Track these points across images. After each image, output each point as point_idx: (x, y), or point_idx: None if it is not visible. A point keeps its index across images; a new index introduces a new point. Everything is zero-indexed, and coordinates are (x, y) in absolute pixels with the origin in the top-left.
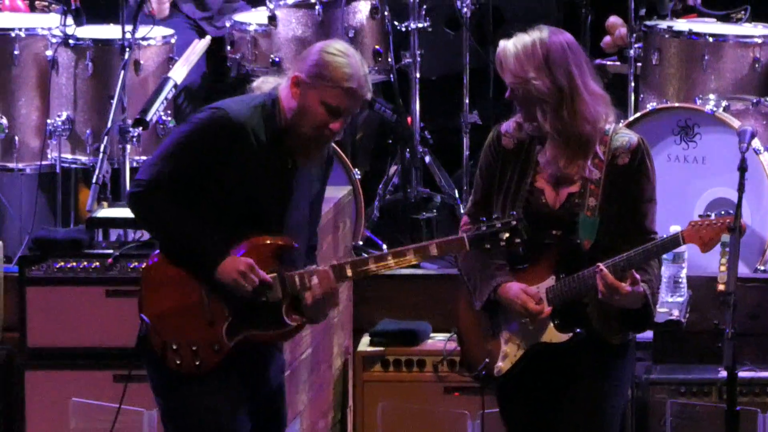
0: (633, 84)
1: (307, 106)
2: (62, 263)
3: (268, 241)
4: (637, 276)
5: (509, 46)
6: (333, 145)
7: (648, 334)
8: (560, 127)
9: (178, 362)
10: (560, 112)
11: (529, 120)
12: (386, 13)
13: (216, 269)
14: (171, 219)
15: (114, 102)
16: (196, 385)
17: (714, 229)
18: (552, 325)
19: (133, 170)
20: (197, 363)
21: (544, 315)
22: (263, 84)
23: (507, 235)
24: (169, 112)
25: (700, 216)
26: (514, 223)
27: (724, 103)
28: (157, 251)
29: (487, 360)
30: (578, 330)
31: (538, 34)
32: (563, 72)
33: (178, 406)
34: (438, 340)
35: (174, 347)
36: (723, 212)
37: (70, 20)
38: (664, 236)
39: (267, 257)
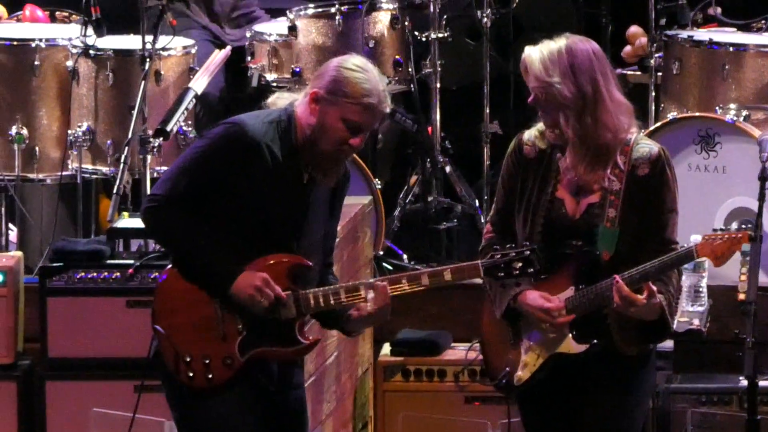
0: (653, 93)
1: (327, 123)
2: (83, 274)
3: (283, 260)
4: (654, 288)
5: (535, 51)
6: (354, 156)
7: (669, 344)
8: (582, 134)
9: (190, 375)
10: (583, 118)
11: (551, 126)
12: (406, 23)
13: (231, 286)
14: (185, 234)
15: (135, 112)
16: (210, 399)
17: (726, 243)
18: (570, 336)
19: (153, 181)
20: (209, 376)
21: (564, 321)
22: (278, 100)
23: (520, 264)
24: (189, 122)
25: (714, 229)
26: (528, 253)
27: (744, 113)
28: (170, 265)
29: (507, 369)
30: (595, 341)
31: (564, 41)
32: (588, 79)
33: (192, 420)
34: (459, 349)
35: (187, 360)
36: (743, 226)
37: (90, 31)
38: (681, 248)
39: (281, 276)
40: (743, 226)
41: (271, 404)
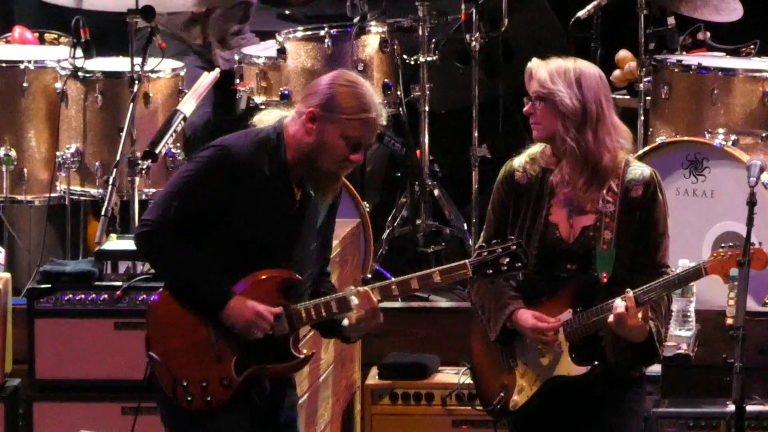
0: (642, 117)
1: (327, 141)
2: (71, 295)
3: (272, 275)
4: (649, 314)
5: (542, 62)
6: (342, 178)
7: (657, 368)
8: (582, 146)
9: (189, 399)
10: (584, 131)
11: (545, 137)
12: (396, 46)
13: (224, 309)
14: (179, 259)
15: (123, 134)
16: (208, 422)
17: (735, 260)
18: (570, 358)
19: (142, 203)
20: (208, 399)
21: (559, 341)
22: (266, 117)
23: (507, 260)
24: (178, 144)
25: (722, 247)
26: (514, 247)
27: (733, 137)
28: (161, 288)
29: (502, 394)
30: (596, 363)
31: (573, 61)
32: (593, 97)
33: None
34: (447, 373)
35: (184, 384)
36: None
37: (79, 53)
38: (686, 267)
39: (271, 292)
40: (754, 243)
41: (265, 426)
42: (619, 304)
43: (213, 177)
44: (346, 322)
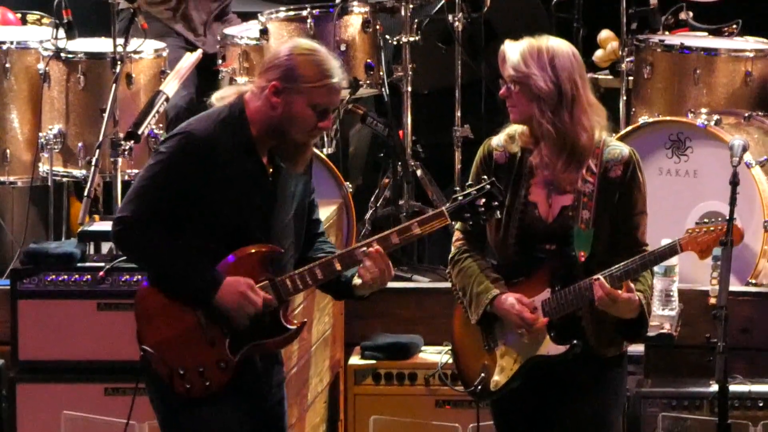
0: (625, 98)
1: (295, 112)
2: (54, 276)
3: (253, 251)
4: (632, 285)
5: (515, 44)
6: (325, 159)
7: (639, 348)
8: (559, 128)
9: (188, 387)
10: (560, 113)
11: (522, 120)
12: (378, 26)
13: (215, 296)
14: (161, 253)
15: (106, 115)
16: (205, 408)
17: (712, 236)
18: (549, 337)
19: (124, 183)
20: (207, 384)
21: (540, 325)
22: (224, 95)
23: (483, 200)
24: (161, 125)
25: (696, 223)
26: (488, 187)
27: (715, 117)
28: (144, 281)
29: (483, 375)
30: (575, 341)
31: (546, 40)
32: (567, 77)
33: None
34: (430, 353)
35: (181, 372)
36: (720, 219)
37: (61, 33)
38: (661, 246)
39: (255, 267)
40: (720, 219)
41: (259, 405)
42: (596, 290)
43: (183, 164)
44: (358, 281)
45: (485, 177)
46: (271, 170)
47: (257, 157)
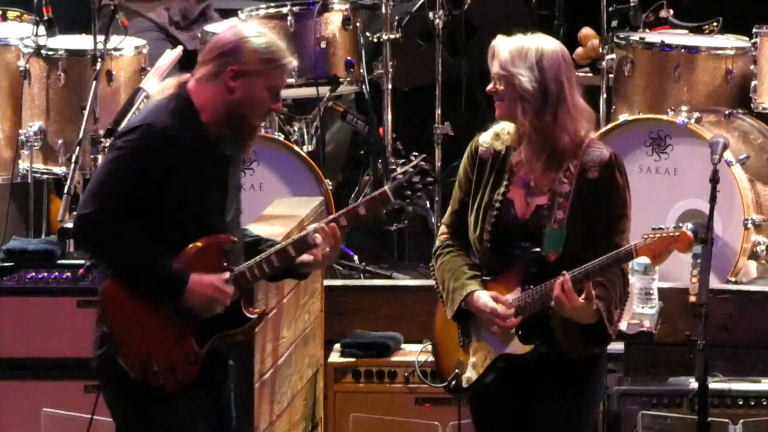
0: (605, 95)
1: (254, 96)
2: (34, 273)
3: (211, 243)
4: (593, 292)
5: (506, 40)
6: (306, 156)
7: (619, 346)
8: (540, 129)
9: (161, 382)
10: (542, 114)
11: (506, 117)
12: (358, 24)
13: (183, 292)
14: (126, 248)
15: (86, 112)
16: (178, 401)
17: (662, 241)
18: (516, 336)
19: None
20: (179, 378)
21: (512, 324)
22: (165, 86)
23: (419, 177)
24: None
25: (653, 228)
26: (423, 164)
27: (696, 115)
28: (107, 278)
29: (457, 370)
30: (538, 342)
31: (537, 39)
32: (553, 78)
33: (150, 427)
34: (409, 351)
35: (154, 369)
36: (680, 225)
37: (42, 30)
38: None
39: (213, 259)
40: (680, 225)
41: (216, 400)
42: (556, 286)
43: (145, 157)
44: (308, 257)
45: (416, 154)
46: (221, 159)
47: (210, 146)
